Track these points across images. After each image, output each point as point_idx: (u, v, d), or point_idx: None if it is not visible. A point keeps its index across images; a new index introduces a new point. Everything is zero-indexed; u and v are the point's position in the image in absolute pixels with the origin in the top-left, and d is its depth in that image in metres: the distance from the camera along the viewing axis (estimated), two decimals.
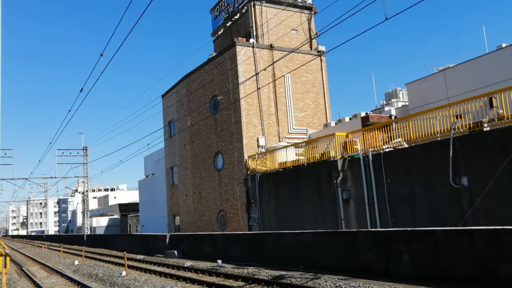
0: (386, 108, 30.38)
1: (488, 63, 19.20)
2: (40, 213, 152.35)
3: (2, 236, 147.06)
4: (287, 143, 25.56)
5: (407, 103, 26.22)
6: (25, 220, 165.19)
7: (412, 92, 23.25)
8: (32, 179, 68.37)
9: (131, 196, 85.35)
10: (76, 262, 25.56)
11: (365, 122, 23.29)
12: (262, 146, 27.14)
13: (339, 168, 19.05)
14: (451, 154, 14.40)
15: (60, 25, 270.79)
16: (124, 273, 18.02)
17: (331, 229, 17.99)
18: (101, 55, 16.81)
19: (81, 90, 21.45)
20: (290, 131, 28.55)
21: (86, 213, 52.99)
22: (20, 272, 22.71)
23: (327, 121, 29.62)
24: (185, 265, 19.31)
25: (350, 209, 18.81)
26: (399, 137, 17.33)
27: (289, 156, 23.02)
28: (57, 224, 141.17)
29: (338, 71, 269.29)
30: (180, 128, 35.03)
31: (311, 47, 31.23)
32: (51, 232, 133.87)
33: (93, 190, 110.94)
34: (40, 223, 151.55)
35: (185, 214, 34.08)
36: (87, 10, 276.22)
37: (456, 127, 14.61)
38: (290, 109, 28.84)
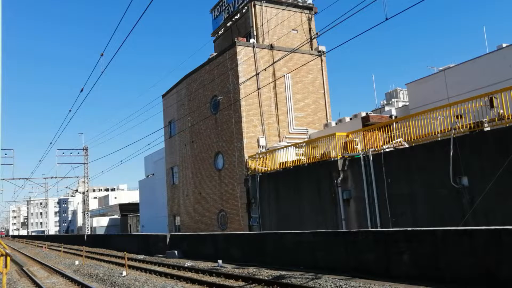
0: (387, 108, 30.39)
1: (488, 63, 19.20)
2: (41, 213, 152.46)
3: (4, 236, 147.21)
4: (288, 143, 25.57)
5: (407, 103, 26.23)
6: (25, 220, 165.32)
7: (413, 92, 23.26)
8: (32, 179, 68.52)
9: (132, 196, 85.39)
10: (77, 262, 25.58)
11: (366, 122, 23.29)
12: (262, 146, 27.15)
13: (340, 168, 19.06)
14: (451, 154, 14.40)
15: (60, 25, 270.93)
16: (124, 273, 18.03)
17: (331, 229, 18.00)
18: (102, 55, 16.84)
19: (81, 90, 21.48)
20: (290, 131, 28.56)
21: (87, 213, 53.04)
22: (20, 272, 22.73)
23: (327, 121, 29.63)
24: (186, 265, 19.32)
25: (351, 209, 18.81)
26: (399, 137, 17.33)
27: (289, 156, 23.03)
28: (58, 224, 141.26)
29: (338, 71, 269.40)
30: (180, 128, 35.05)
31: (311, 47, 31.23)
32: (52, 232, 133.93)
33: (94, 190, 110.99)
34: (41, 223, 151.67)
35: (186, 214, 34.09)
36: (87, 10, 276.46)
37: (457, 127, 14.61)
38: (290, 109, 28.85)
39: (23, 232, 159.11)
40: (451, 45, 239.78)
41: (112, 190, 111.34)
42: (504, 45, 20.18)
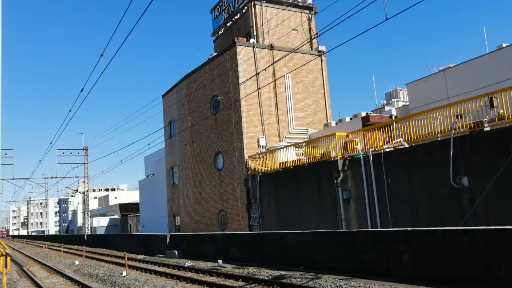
0: (387, 108, 30.40)
1: (488, 63, 19.20)
2: (41, 213, 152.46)
3: (5, 236, 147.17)
4: (288, 143, 25.57)
5: (407, 103, 26.23)
6: (25, 220, 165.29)
7: (413, 92, 23.26)
8: (32, 179, 68.55)
9: (132, 196, 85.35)
10: (77, 262, 25.57)
11: (366, 122, 23.30)
12: (262, 146, 27.15)
13: (340, 168, 19.06)
14: (451, 154, 14.40)
15: (60, 25, 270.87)
16: (124, 273, 18.03)
17: (331, 229, 17.99)
18: (102, 55, 16.84)
19: (81, 90, 21.48)
20: (290, 131, 28.56)
21: (87, 213, 53.02)
22: (20, 272, 22.73)
23: (327, 121, 29.62)
24: (186, 265, 19.32)
25: (351, 209, 18.81)
26: (399, 137, 17.33)
27: (289, 156, 23.03)
28: (58, 224, 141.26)
29: (338, 71, 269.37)
30: (180, 128, 35.05)
31: (311, 47, 31.23)
32: (52, 232, 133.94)
33: (94, 190, 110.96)
34: (41, 223, 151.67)
35: (186, 214, 34.09)
36: (87, 10, 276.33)
37: (457, 127, 14.61)
38: (290, 109, 28.85)
39: (23, 232, 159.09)
40: (451, 45, 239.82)
41: (112, 190, 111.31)
42: (504, 45, 20.18)
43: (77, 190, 76.29)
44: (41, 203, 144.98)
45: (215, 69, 30.03)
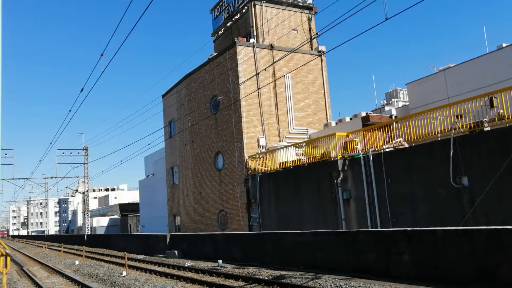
0: (387, 108, 30.39)
1: (488, 63, 19.21)
2: (41, 213, 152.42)
3: (5, 236, 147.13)
4: (288, 143, 25.57)
5: (407, 103, 26.24)
6: (25, 220, 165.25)
7: (413, 92, 23.26)
8: (32, 179, 68.47)
9: (132, 196, 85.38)
10: (77, 262, 25.57)
11: (366, 122, 23.30)
12: (262, 146, 27.15)
13: (340, 168, 19.06)
14: (451, 154, 14.40)
15: (60, 25, 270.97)
16: (124, 273, 18.03)
17: (331, 229, 17.99)
18: (102, 55, 16.84)
19: (81, 90, 21.47)
20: (290, 131, 28.56)
21: (87, 213, 53.01)
22: (20, 272, 22.73)
23: (327, 121, 29.62)
24: (186, 265, 19.32)
25: (351, 209, 18.81)
26: (399, 137, 17.33)
27: (289, 156, 23.03)
28: (58, 224, 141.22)
29: (338, 71, 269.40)
30: (180, 128, 35.05)
31: (311, 47, 31.23)
32: (52, 232, 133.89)
33: (94, 190, 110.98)
34: (41, 223, 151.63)
35: (186, 214, 34.09)
36: (87, 10, 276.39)
37: (457, 127, 14.61)
38: (290, 109, 28.85)
39: (23, 232, 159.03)
40: (451, 45, 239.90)
41: (112, 190, 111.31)
42: (504, 45, 20.18)
43: (77, 190, 76.29)
44: (41, 203, 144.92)
45: (215, 69, 30.03)
